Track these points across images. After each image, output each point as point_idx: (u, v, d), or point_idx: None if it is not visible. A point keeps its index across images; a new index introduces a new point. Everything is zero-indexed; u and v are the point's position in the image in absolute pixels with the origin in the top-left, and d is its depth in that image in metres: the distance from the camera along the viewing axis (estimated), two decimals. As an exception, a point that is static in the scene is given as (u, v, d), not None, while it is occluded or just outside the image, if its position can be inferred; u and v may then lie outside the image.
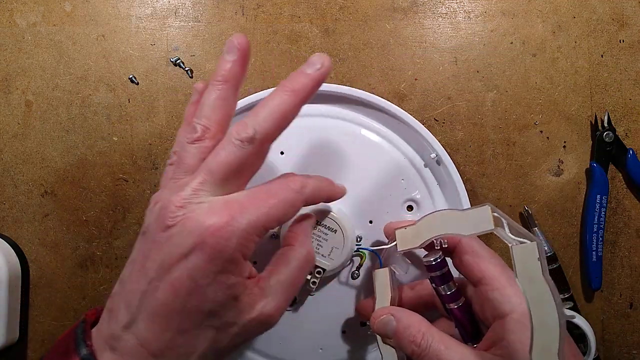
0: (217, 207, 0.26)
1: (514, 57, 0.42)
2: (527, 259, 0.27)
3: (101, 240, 0.41)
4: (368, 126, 0.40)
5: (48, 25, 0.42)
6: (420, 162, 0.39)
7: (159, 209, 0.27)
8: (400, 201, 0.39)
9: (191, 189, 0.27)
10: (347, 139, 0.39)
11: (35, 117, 0.42)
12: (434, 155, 0.38)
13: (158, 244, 0.26)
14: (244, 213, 0.26)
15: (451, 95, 0.42)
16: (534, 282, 0.26)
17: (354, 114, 0.40)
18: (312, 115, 0.40)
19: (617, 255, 0.42)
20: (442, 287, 0.32)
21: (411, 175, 0.39)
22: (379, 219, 0.38)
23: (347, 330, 0.38)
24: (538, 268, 0.27)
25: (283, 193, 0.28)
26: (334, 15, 0.42)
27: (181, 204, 0.26)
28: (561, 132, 0.42)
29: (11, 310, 0.39)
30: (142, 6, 0.42)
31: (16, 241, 0.41)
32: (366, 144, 0.39)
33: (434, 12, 0.42)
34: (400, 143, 0.40)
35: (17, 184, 0.41)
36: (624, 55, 0.42)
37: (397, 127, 0.40)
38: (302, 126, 0.40)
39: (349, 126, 0.40)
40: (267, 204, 0.27)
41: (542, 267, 0.27)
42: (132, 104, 0.42)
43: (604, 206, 0.41)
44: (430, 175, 0.39)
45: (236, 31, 0.42)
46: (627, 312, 0.42)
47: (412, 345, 0.29)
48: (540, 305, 0.26)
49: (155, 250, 0.26)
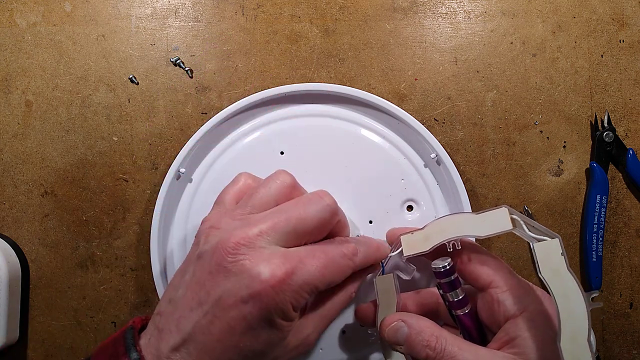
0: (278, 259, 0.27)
1: (514, 57, 0.42)
2: (551, 254, 0.29)
3: (101, 240, 0.41)
4: (368, 126, 0.40)
5: (48, 25, 0.42)
6: (420, 162, 0.40)
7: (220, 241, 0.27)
8: (400, 201, 0.39)
9: (258, 231, 0.27)
10: (347, 139, 0.39)
11: (35, 117, 0.42)
12: (434, 155, 0.38)
13: (216, 278, 0.27)
14: (301, 271, 0.27)
15: (451, 95, 0.42)
16: (559, 275, 0.28)
17: (353, 114, 0.40)
18: (312, 115, 0.40)
19: (617, 255, 0.42)
20: (450, 293, 0.32)
21: (411, 175, 0.39)
22: (379, 219, 0.38)
23: (346, 331, 0.38)
24: (562, 262, 0.28)
25: (338, 259, 0.29)
26: (334, 15, 0.42)
27: (244, 242, 0.27)
28: (561, 132, 0.42)
29: (11, 310, 0.39)
30: (142, 6, 0.42)
31: (16, 241, 0.41)
32: (366, 144, 0.39)
33: (434, 12, 0.42)
34: (400, 143, 0.40)
35: (17, 184, 0.42)
36: (624, 55, 0.42)
37: (397, 127, 0.40)
38: (302, 126, 0.40)
39: (349, 126, 0.40)
40: (323, 265, 0.28)
41: (565, 261, 0.28)
42: (132, 104, 0.42)
43: (604, 206, 0.41)
44: (430, 175, 0.39)
45: (236, 31, 0.42)
46: (627, 312, 0.42)
47: (427, 349, 0.29)
48: (567, 297, 0.28)
49: (212, 284, 0.27)
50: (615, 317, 0.42)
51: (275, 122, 0.40)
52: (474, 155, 0.42)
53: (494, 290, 0.30)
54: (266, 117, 0.40)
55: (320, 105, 0.40)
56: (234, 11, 0.42)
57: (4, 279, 0.38)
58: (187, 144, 0.38)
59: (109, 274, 0.41)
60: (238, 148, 0.40)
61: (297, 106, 0.40)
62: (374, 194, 0.39)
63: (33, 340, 0.41)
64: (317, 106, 0.40)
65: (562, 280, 0.28)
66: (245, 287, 0.26)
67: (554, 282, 0.29)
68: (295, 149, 0.39)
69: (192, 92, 0.42)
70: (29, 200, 0.41)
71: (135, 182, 0.41)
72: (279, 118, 0.40)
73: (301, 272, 0.27)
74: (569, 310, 0.28)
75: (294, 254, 0.28)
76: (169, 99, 0.42)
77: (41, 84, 0.42)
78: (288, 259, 0.27)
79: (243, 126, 0.40)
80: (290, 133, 0.40)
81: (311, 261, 0.28)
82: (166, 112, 0.42)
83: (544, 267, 0.29)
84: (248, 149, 0.40)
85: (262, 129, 0.40)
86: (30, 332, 0.41)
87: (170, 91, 0.42)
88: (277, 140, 0.39)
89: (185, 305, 0.27)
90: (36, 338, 0.41)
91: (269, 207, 0.30)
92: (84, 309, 0.41)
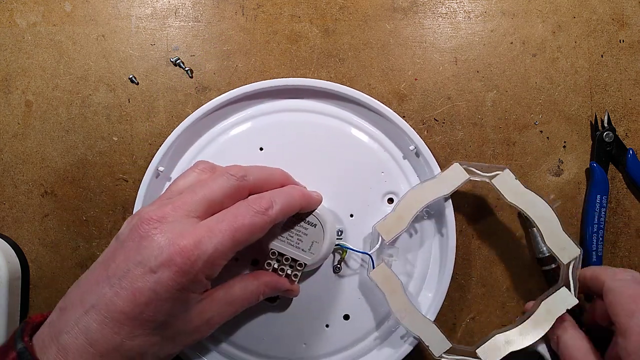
0: (189, 229, 0.28)
1: (514, 57, 0.42)
2: (507, 182, 0.36)
3: (101, 240, 0.41)
4: (347, 120, 0.40)
5: (48, 25, 0.42)
6: (400, 154, 0.40)
7: (137, 219, 0.29)
8: (380, 194, 0.39)
9: (170, 207, 0.29)
10: (324, 133, 0.40)
11: (35, 117, 0.42)
12: (412, 148, 0.39)
13: (127, 250, 0.28)
14: (211, 237, 0.27)
15: (451, 95, 0.42)
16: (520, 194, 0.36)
17: (331, 107, 0.40)
18: (290, 111, 0.40)
19: (617, 255, 0.42)
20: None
21: (391, 167, 0.39)
22: (360, 212, 0.39)
23: (330, 325, 0.38)
24: (518, 184, 0.36)
25: (249, 217, 0.29)
26: (334, 15, 0.42)
27: (157, 217, 0.28)
28: (561, 132, 0.42)
29: (11, 310, 0.39)
30: (142, 6, 0.42)
31: (16, 241, 0.41)
32: (345, 138, 0.40)
33: (434, 12, 0.42)
34: (379, 136, 0.40)
35: (17, 184, 0.42)
36: (624, 55, 0.42)
37: (376, 120, 0.40)
38: (280, 122, 0.40)
39: (327, 120, 0.40)
40: (233, 228, 0.28)
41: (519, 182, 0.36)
42: (132, 104, 0.42)
43: (604, 206, 0.41)
44: (409, 167, 0.40)
45: (236, 31, 0.42)
46: (627, 312, 0.42)
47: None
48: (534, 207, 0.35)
49: (122, 256, 0.28)
50: (615, 317, 0.42)
51: (254, 118, 0.40)
52: (474, 155, 0.42)
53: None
54: (244, 113, 0.40)
55: (298, 100, 0.40)
56: (234, 11, 0.42)
57: (4, 279, 0.38)
58: (165, 142, 0.39)
59: (109, 274, 0.41)
60: (216, 145, 0.40)
61: (275, 102, 0.40)
62: (354, 187, 0.39)
63: (33, 340, 0.41)
64: (295, 101, 0.40)
65: (525, 197, 0.36)
66: (154, 257, 0.27)
67: (520, 201, 0.36)
68: (274, 144, 0.39)
69: (192, 92, 0.42)
70: (29, 200, 0.41)
71: (135, 182, 0.41)
72: (258, 114, 0.40)
73: (210, 239, 0.27)
74: (540, 216, 0.35)
75: (204, 223, 0.28)
76: (169, 99, 0.42)
77: (41, 84, 0.42)
78: (197, 228, 0.28)
79: (221, 123, 0.40)
80: (269, 129, 0.40)
81: (219, 225, 0.28)
82: (166, 112, 0.42)
83: (507, 193, 0.36)
84: (226, 145, 0.40)
85: (240, 125, 0.40)
86: (30, 332, 0.41)
87: (170, 91, 0.42)
88: (255, 136, 0.40)
89: (92, 280, 0.28)
90: (36, 338, 0.41)
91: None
92: (84, 309, 0.41)
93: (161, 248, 0.27)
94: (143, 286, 0.27)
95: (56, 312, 0.29)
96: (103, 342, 0.27)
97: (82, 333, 0.27)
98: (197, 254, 0.27)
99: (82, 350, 0.26)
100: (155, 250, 0.27)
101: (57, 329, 0.27)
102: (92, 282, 0.28)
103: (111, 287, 0.27)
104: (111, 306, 0.27)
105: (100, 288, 0.27)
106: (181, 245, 0.27)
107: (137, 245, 0.28)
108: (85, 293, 0.28)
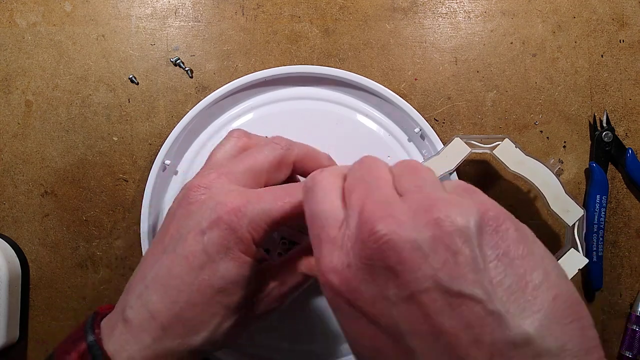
0: (237, 192, 0.28)
1: (514, 57, 0.42)
2: (509, 151, 0.36)
3: (101, 240, 0.41)
4: (351, 106, 0.40)
5: (48, 25, 0.42)
6: (404, 137, 0.40)
7: (184, 190, 0.29)
8: None
9: (216, 174, 0.29)
10: (329, 119, 0.40)
11: (35, 117, 0.42)
12: (417, 130, 0.39)
13: (178, 219, 0.28)
14: (260, 202, 0.27)
15: (451, 95, 0.42)
16: (523, 163, 0.36)
17: (335, 94, 0.41)
18: (294, 99, 0.40)
19: (618, 255, 0.42)
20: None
21: (396, 151, 0.40)
22: None
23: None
24: (519, 152, 0.36)
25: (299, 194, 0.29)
26: (334, 15, 0.42)
27: (204, 184, 0.28)
28: (561, 132, 0.42)
29: (11, 310, 0.39)
30: (142, 6, 0.42)
31: (16, 241, 0.41)
32: (350, 123, 0.40)
33: (434, 12, 0.42)
34: (384, 120, 0.40)
35: (17, 184, 0.41)
36: (624, 55, 0.42)
37: (379, 104, 0.40)
38: (284, 110, 0.40)
39: (331, 107, 0.40)
40: (283, 200, 0.28)
41: (521, 150, 0.36)
42: (132, 104, 0.42)
43: (604, 206, 0.41)
44: (415, 149, 0.40)
45: (236, 31, 0.42)
46: (627, 312, 0.42)
47: None
48: (537, 174, 0.36)
49: (174, 224, 0.28)
50: (615, 317, 0.42)
51: (257, 107, 0.40)
52: (474, 155, 0.42)
53: None
54: (247, 103, 0.40)
55: (301, 87, 0.41)
56: (234, 11, 0.42)
57: (4, 279, 0.38)
58: (171, 136, 0.39)
59: (109, 274, 0.41)
60: (220, 137, 0.40)
61: (278, 90, 0.41)
62: None
63: (33, 340, 0.41)
64: (298, 89, 0.41)
65: (527, 165, 0.36)
66: (204, 219, 0.27)
67: (523, 168, 0.36)
68: (279, 133, 0.39)
69: (192, 92, 0.42)
70: (29, 200, 0.41)
71: (135, 182, 0.41)
72: (261, 104, 0.40)
73: (258, 201, 0.27)
74: (543, 182, 0.36)
75: (252, 190, 0.29)
76: (169, 99, 0.42)
77: (41, 84, 0.42)
78: (245, 192, 0.28)
79: (224, 114, 0.40)
80: (273, 118, 0.40)
81: (270, 195, 0.28)
82: (166, 112, 0.42)
83: (510, 162, 0.36)
84: None
85: (244, 116, 0.40)
86: (30, 332, 0.41)
87: (170, 91, 0.42)
88: (260, 126, 0.40)
89: (150, 256, 0.29)
90: (36, 338, 0.41)
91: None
92: (84, 309, 0.41)
93: (210, 209, 0.27)
94: (195, 249, 0.27)
95: (124, 292, 0.29)
96: (164, 311, 0.27)
97: (143, 305, 0.27)
98: (244, 212, 0.27)
99: (145, 322, 0.27)
100: (205, 213, 0.27)
101: (121, 307, 0.28)
102: (151, 258, 0.29)
103: (168, 256, 0.27)
104: (168, 274, 0.27)
105: (156, 258, 0.28)
106: (229, 205, 0.27)
107: (187, 212, 0.28)
108: (145, 269, 0.28)
